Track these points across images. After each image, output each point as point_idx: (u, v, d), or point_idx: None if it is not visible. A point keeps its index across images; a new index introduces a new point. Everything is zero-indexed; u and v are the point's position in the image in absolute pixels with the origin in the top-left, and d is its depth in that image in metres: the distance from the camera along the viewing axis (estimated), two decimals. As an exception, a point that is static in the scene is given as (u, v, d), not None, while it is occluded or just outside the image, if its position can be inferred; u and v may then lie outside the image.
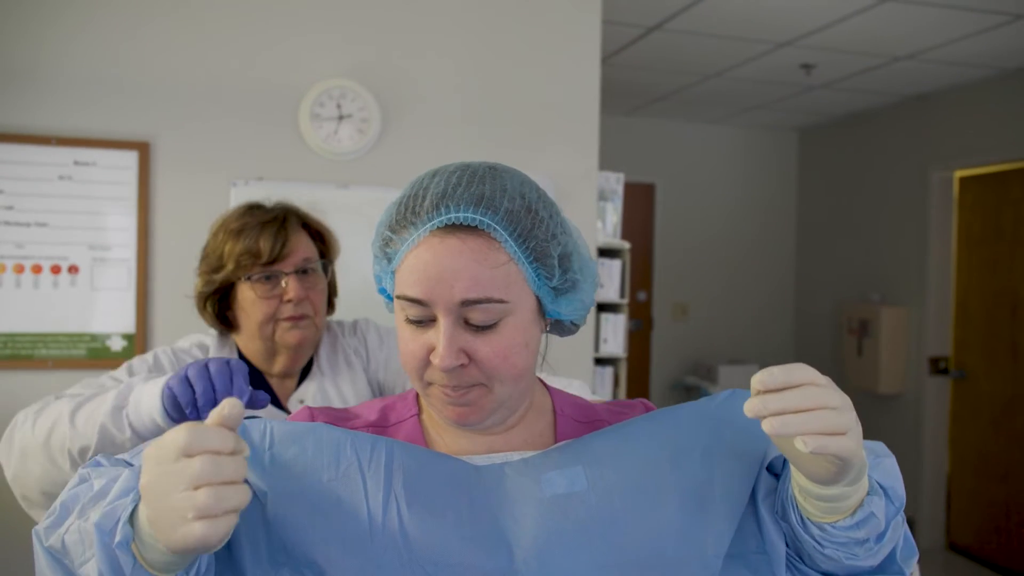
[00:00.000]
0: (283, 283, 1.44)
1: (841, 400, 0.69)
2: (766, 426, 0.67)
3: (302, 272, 1.46)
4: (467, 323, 0.77)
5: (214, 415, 0.64)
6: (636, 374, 5.46)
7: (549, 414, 0.92)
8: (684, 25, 3.54)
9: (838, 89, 4.60)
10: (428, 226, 0.76)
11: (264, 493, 0.76)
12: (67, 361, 2.49)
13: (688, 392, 5.56)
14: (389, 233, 0.80)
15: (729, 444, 0.83)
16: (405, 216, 0.78)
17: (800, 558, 0.82)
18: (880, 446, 0.83)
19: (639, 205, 5.49)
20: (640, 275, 5.53)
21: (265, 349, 1.49)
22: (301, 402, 1.52)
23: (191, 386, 1.08)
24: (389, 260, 0.81)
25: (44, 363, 2.48)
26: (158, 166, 2.57)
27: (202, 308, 1.50)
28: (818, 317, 5.64)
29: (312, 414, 0.89)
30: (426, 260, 0.76)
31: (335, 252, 1.59)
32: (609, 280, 2.96)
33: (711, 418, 0.86)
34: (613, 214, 3.05)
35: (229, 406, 0.64)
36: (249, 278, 1.43)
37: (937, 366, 4.64)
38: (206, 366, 1.08)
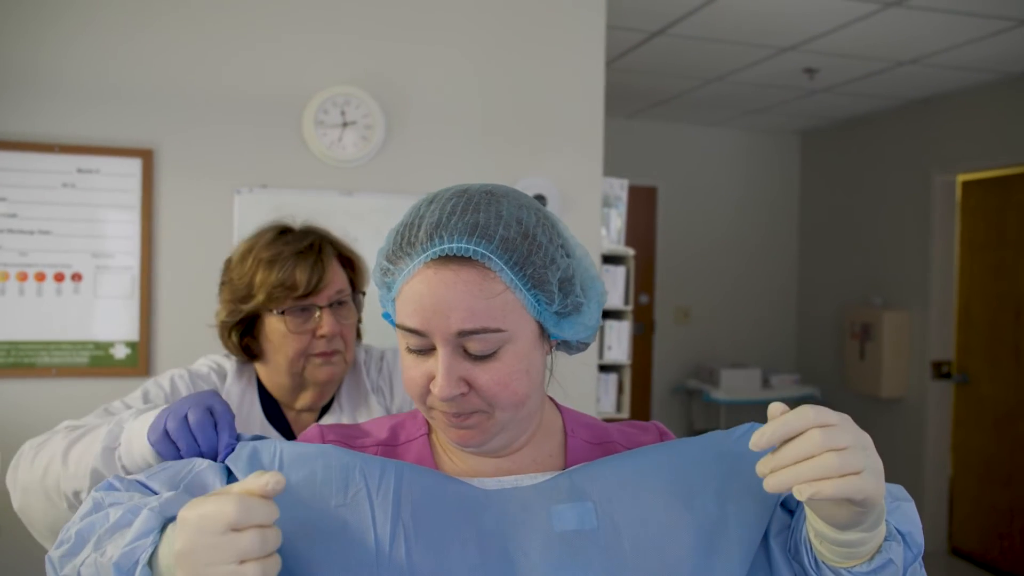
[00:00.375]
0: (317, 316, 1.37)
1: (853, 439, 0.68)
2: (765, 485, 0.67)
3: (335, 304, 1.39)
4: (466, 352, 0.77)
5: (259, 486, 0.64)
6: (638, 378, 5.46)
7: (559, 434, 0.91)
8: (687, 30, 3.54)
9: (841, 93, 4.60)
10: (422, 257, 0.76)
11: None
12: (70, 369, 2.49)
13: (690, 395, 5.55)
14: (387, 263, 0.80)
15: (746, 482, 0.81)
16: (401, 246, 0.78)
17: None
18: (899, 489, 0.81)
19: (641, 208, 5.49)
20: (642, 278, 5.52)
21: (292, 384, 1.42)
22: None
23: (174, 442, 0.97)
24: (389, 289, 0.81)
25: (47, 371, 2.47)
26: (162, 173, 2.56)
27: (226, 338, 1.42)
28: (820, 321, 5.64)
29: (322, 432, 0.89)
30: (421, 292, 0.76)
31: (365, 281, 1.50)
32: (613, 287, 2.95)
33: (727, 454, 0.85)
34: (617, 220, 3.04)
35: (274, 481, 0.64)
36: (281, 311, 1.35)
37: (940, 370, 4.64)
38: (185, 418, 0.95)
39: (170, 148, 2.57)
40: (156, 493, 0.79)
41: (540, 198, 2.85)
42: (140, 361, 2.53)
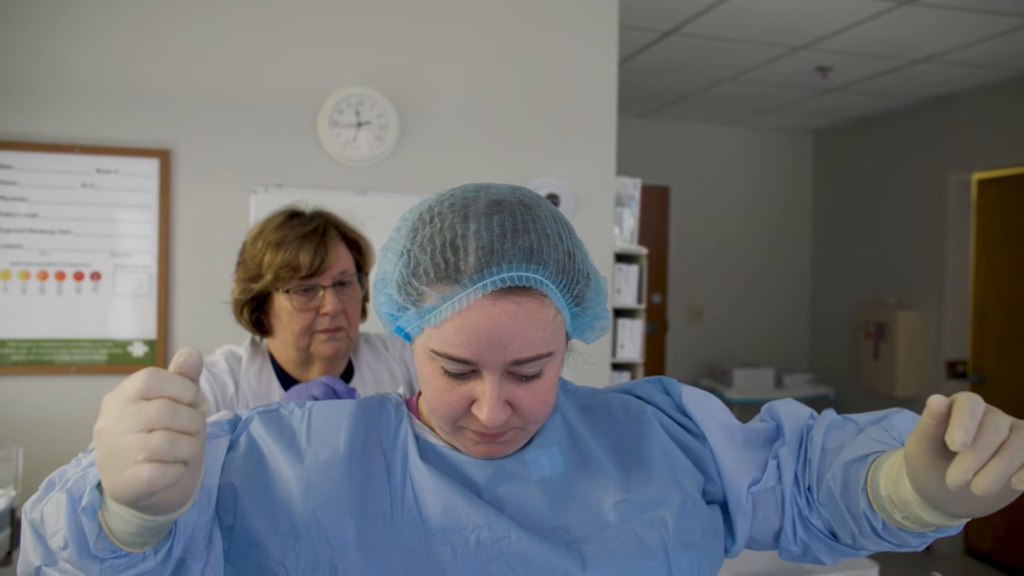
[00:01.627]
0: (320, 295, 1.44)
1: (1012, 419, 0.64)
2: (976, 488, 0.62)
3: (339, 284, 1.47)
4: (511, 374, 0.76)
5: (174, 363, 0.61)
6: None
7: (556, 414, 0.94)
8: (700, 29, 3.54)
9: (855, 92, 4.58)
10: (477, 287, 0.72)
11: (300, 464, 0.81)
12: (89, 367, 2.52)
13: (703, 395, 5.55)
14: (423, 287, 0.74)
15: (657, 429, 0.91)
16: (446, 272, 0.73)
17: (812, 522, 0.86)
18: (902, 418, 0.87)
19: (654, 208, 5.49)
20: (655, 278, 5.52)
21: (300, 359, 1.51)
22: None
23: None
24: (419, 313, 0.75)
25: (67, 368, 2.50)
26: (179, 173, 2.59)
27: (239, 314, 1.51)
28: (834, 320, 5.62)
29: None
30: (477, 323, 0.72)
31: (371, 262, 1.58)
32: (626, 285, 2.96)
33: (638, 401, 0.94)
34: (630, 219, 3.04)
35: (186, 354, 0.61)
36: (287, 290, 1.43)
37: (955, 370, 4.61)
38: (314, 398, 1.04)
39: (187, 148, 2.60)
40: None
41: (553, 197, 2.86)
42: (158, 359, 2.56)
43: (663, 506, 0.82)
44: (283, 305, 1.45)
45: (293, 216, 1.49)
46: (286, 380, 1.54)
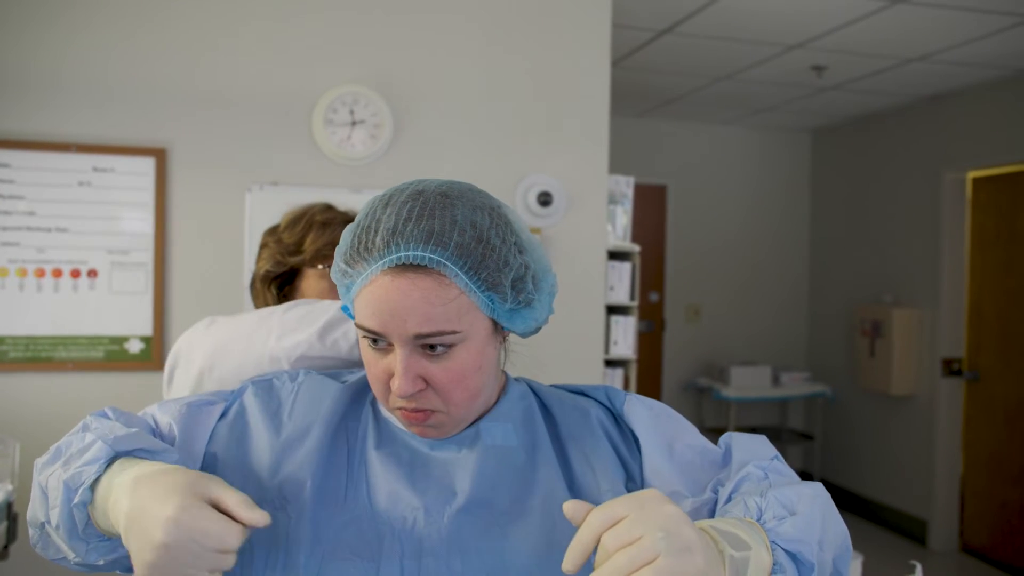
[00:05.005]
0: None
1: (645, 527, 0.62)
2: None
3: None
4: (423, 349, 0.81)
5: (254, 519, 0.72)
6: (648, 375, 5.48)
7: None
8: (695, 28, 3.56)
9: (850, 91, 4.60)
10: (379, 265, 0.78)
11: (276, 438, 0.88)
12: (86, 363, 2.55)
13: (700, 393, 5.56)
14: (344, 266, 0.82)
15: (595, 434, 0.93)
16: (358, 251, 0.80)
17: None
18: (796, 493, 0.77)
19: (651, 207, 5.51)
20: (652, 276, 5.54)
21: None
22: None
23: None
24: (347, 289, 0.84)
25: (64, 365, 2.53)
26: (175, 172, 2.62)
27: (265, 289, 1.52)
28: (830, 318, 5.63)
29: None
30: (379, 296, 0.79)
31: None
32: (619, 283, 2.98)
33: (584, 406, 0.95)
34: (623, 217, 3.07)
35: (264, 522, 0.72)
36: (325, 267, 1.47)
37: (950, 367, 4.63)
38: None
39: (183, 147, 2.62)
40: (156, 424, 0.91)
41: (546, 195, 2.88)
42: (154, 355, 2.58)
43: (595, 498, 0.86)
44: (313, 285, 1.47)
45: (329, 207, 1.54)
46: None
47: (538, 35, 2.92)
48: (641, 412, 0.93)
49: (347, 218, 1.50)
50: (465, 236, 0.79)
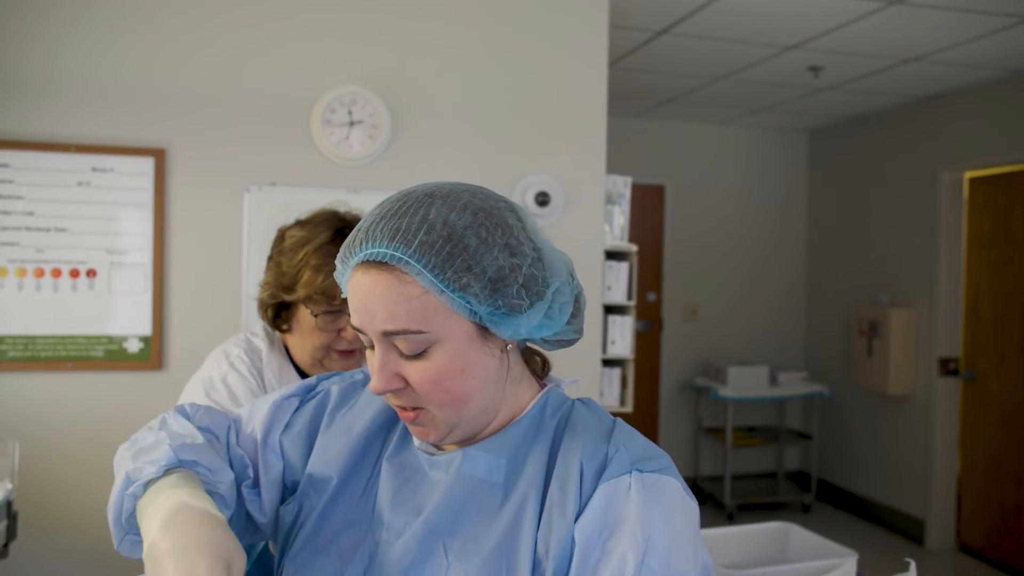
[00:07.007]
0: (345, 320, 1.47)
1: None
2: None
3: None
4: (395, 348, 0.81)
5: None
6: (646, 375, 5.49)
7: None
8: (691, 29, 3.57)
9: (847, 91, 4.61)
10: (353, 262, 0.81)
11: (328, 429, 0.96)
12: (85, 363, 2.55)
13: (698, 393, 5.58)
14: (339, 264, 0.85)
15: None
16: (344, 249, 0.83)
17: None
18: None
19: (649, 207, 5.52)
20: (650, 276, 5.55)
21: (313, 364, 1.54)
22: None
23: None
24: (343, 287, 0.86)
25: (63, 364, 2.54)
26: (173, 172, 2.63)
27: (263, 312, 1.54)
28: (828, 318, 5.65)
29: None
30: (352, 293, 0.82)
31: None
32: (616, 282, 2.99)
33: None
34: (620, 217, 3.08)
35: None
36: (315, 313, 1.46)
37: (947, 367, 4.64)
38: None
39: (181, 147, 2.63)
40: (230, 421, 1.00)
41: (543, 195, 2.90)
42: (153, 355, 2.59)
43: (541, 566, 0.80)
44: (307, 319, 1.48)
45: (338, 234, 1.48)
46: (302, 375, 1.58)
47: (535, 35, 2.93)
48: (599, 512, 0.79)
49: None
50: (432, 234, 0.78)
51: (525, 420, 0.88)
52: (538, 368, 0.94)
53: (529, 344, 0.92)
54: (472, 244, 0.78)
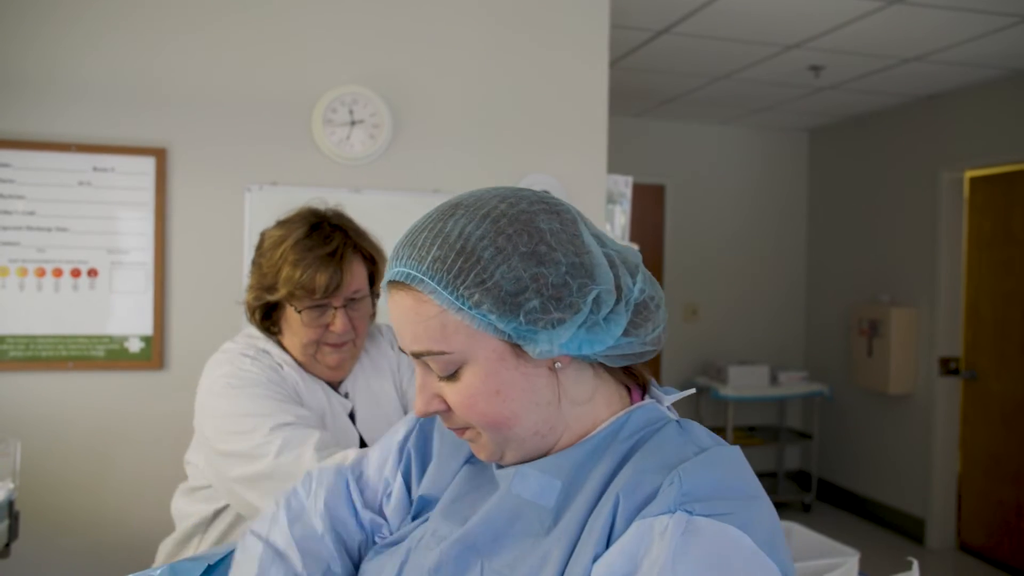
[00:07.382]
0: (331, 313, 1.47)
1: None
2: None
3: (351, 301, 1.49)
4: (430, 368, 0.79)
5: None
6: (646, 375, 5.48)
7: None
8: (692, 29, 3.57)
9: (847, 90, 4.61)
10: (384, 282, 0.80)
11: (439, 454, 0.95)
12: (86, 362, 2.55)
13: (698, 393, 5.58)
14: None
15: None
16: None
17: None
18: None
19: (649, 207, 5.52)
20: (650, 276, 5.54)
21: (307, 362, 1.53)
22: (346, 395, 1.58)
23: None
24: None
25: (64, 364, 2.54)
26: (174, 172, 2.63)
27: (251, 316, 1.54)
28: (828, 317, 5.65)
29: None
30: (390, 315, 0.80)
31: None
32: (617, 282, 2.99)
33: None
34: (621, 216, 3.08)
35: None
36: (299, 309, 1.46)
37: (948, 367, 4.64)
38: None
39: (183, 147, 2.63)
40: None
41: (545, 195, 2.89)
42: (154, 355, 2.59)
43: None
44: (294, 317, 1.47)
45: (314, 229, 1.48)
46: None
47: (536, 35, 2.93)
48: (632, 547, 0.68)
49: (323, 252, 1.44)
50: (445, 250, 0.72)
51: (592, 440, 0.78)
52: (632, 382, 0.85)
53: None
54: (486, 256, 0.72)
